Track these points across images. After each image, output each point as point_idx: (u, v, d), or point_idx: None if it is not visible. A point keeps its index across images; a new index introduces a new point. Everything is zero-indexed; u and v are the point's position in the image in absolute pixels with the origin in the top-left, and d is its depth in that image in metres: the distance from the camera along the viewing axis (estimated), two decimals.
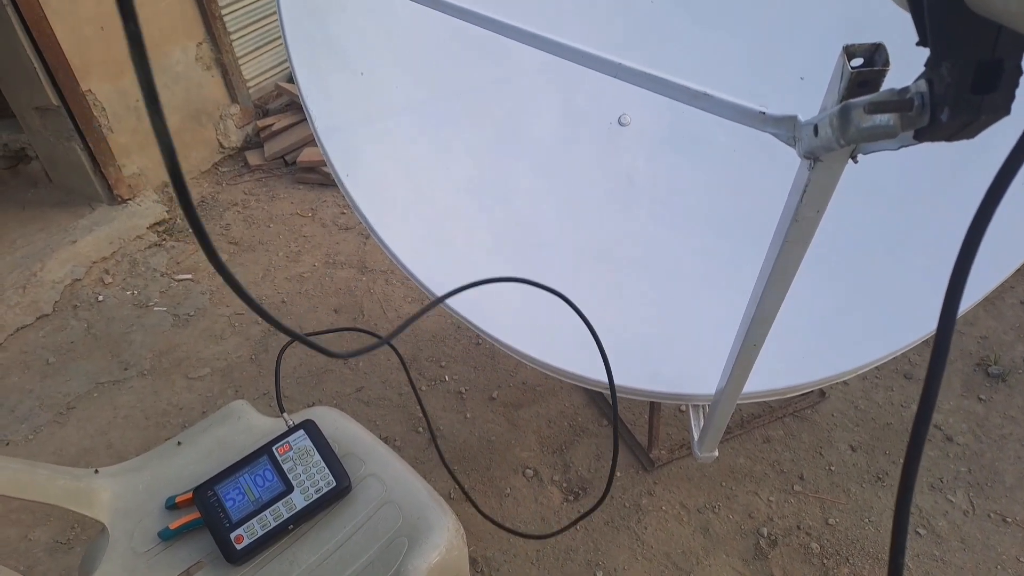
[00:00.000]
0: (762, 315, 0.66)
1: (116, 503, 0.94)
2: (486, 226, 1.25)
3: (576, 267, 1.26)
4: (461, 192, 1.25)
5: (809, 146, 0.44)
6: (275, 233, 2.52)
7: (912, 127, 0.33)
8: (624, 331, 1.20)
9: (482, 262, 1.23)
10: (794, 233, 0.53)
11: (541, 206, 1.28)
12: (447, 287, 1.19)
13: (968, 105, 0.30)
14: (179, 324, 2.07)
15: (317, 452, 0.98)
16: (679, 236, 1.26)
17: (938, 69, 0.31)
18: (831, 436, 1.59)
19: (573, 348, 1.17)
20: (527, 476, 1.57)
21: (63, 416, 1.75)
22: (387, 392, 1.82)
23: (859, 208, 1.20)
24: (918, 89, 0.32)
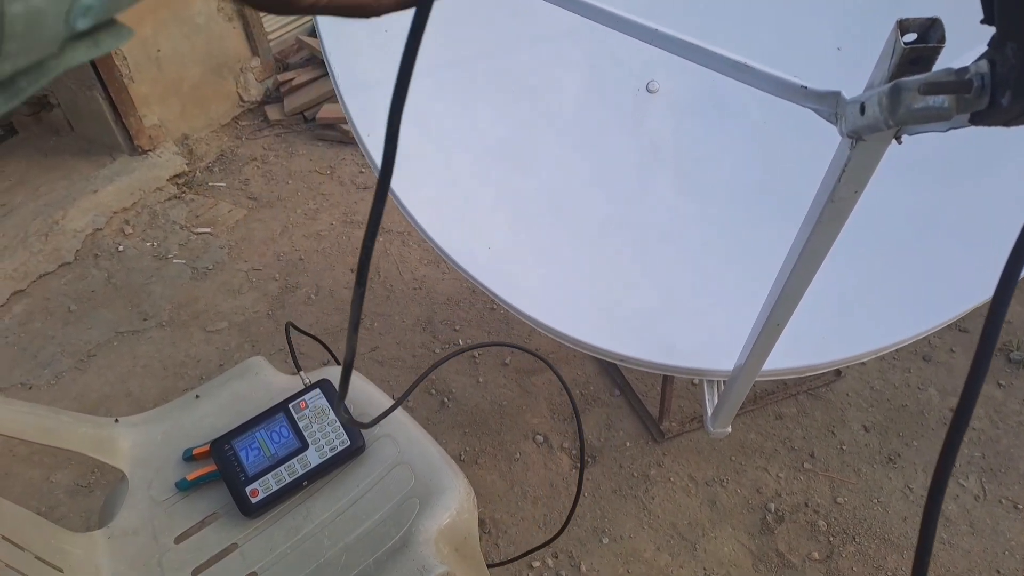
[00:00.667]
0: (788, 295, 0.65)
1: (135, 452, 0.96)
2: (507, 191, 1.24)
3: (595, 234, 1.24)
4: (483, 155, 1.24)
5: (854, 125, 0.42)
6: (293, 190, 2.52)
7: (968, 110, 0.32)
8: (641, 301, 1.20)
9: (501, 228, 1.22)
10: (829, 213, 0.52)
11: (563, 172, 1.27)
12: (465, 252, 1.19)
13: None
14: (197, 277, 2.09)
15: (333, 411, 0.99)
16: (703, 208, 1.24)
17: (1003, 49, 0.29)
18: (844, 415, 1.59)
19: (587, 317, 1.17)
20: (537, 442, 1.58)
21: (84, 363, 1.78)
22: (401, 353, 1.83)
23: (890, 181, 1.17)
24: (978, 70, 0.30)
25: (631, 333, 1.15)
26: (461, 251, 1.17)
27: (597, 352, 1.15)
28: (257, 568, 0.87)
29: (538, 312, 1.14)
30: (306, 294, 2.04)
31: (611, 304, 1.19)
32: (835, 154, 0.49)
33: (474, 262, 1.16)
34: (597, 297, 1.20)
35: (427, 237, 1.18)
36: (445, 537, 0.88)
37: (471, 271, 1.16)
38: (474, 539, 0.94)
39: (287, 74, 2.94)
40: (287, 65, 2.99)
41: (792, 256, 0.60)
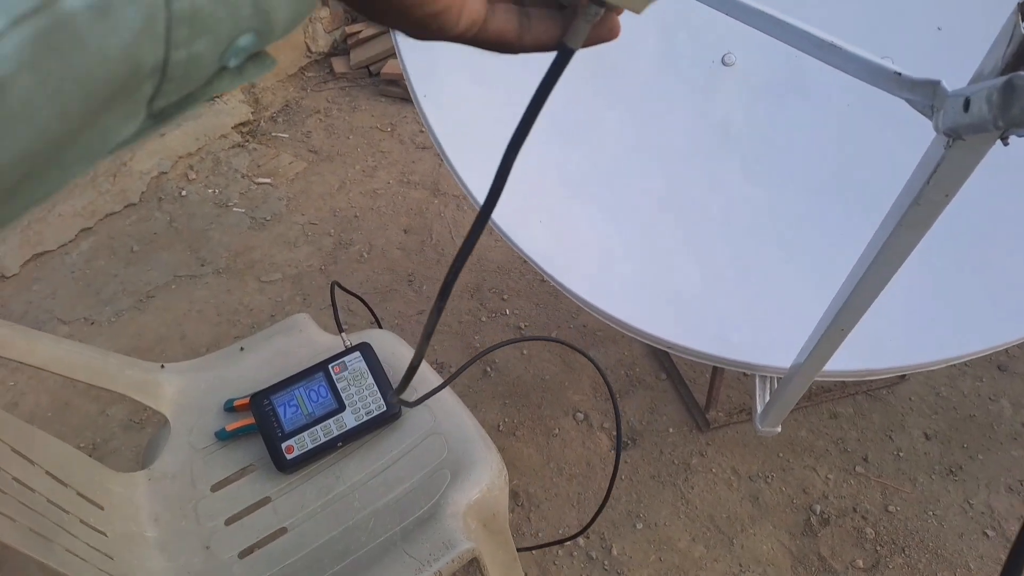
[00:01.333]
0: (858, 300, 0.60)
1: (179, 399, 0.97)
2: (564, 163, 1.19)
3: (654, 215, 1.19)
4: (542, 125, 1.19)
5: (954, 121, 0.37)
6: (354, 145, 2.52)
7: None
8: (696, 288, 1.15)
9: (557, 201, 1.18)
10: (913, 216, 0.46)
11: (625, 147, 1.21)
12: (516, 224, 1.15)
13: None
14: (255, 227, 2.12)
15: (371, 375, 0.98)
16: (771, 196, 1.17)
17: None
18: (904, 421, 1.51)
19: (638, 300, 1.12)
20: (577, 419, 1.55)
21: (143, 303, 1.83)
22: (448, 318, 1.82)
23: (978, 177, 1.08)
24: None
25: (684, 320, 1.11)
26: (512, 222, 1.14)
27: (646, 338, 1.11)
28: (288, 524, 0.88)
29: (586, 291, 1.10)
30: (359, 252, 2.04)
31: (664, 288, 1.14)
32: (926, 152, 0.43)
33: (525, 235, 1.13)
34: (650, 280, 1.15)
35: (475, 202, 1.15)
36: (474, 512, 0.87)
37: (520, 244, 1.13)
38: (503, 516, 0.92)
39: (355, 26, 2.92)
40: (356, 16, 2.98)
41: (866, 259, 0.55)
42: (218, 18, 0.19)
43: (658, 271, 1.16)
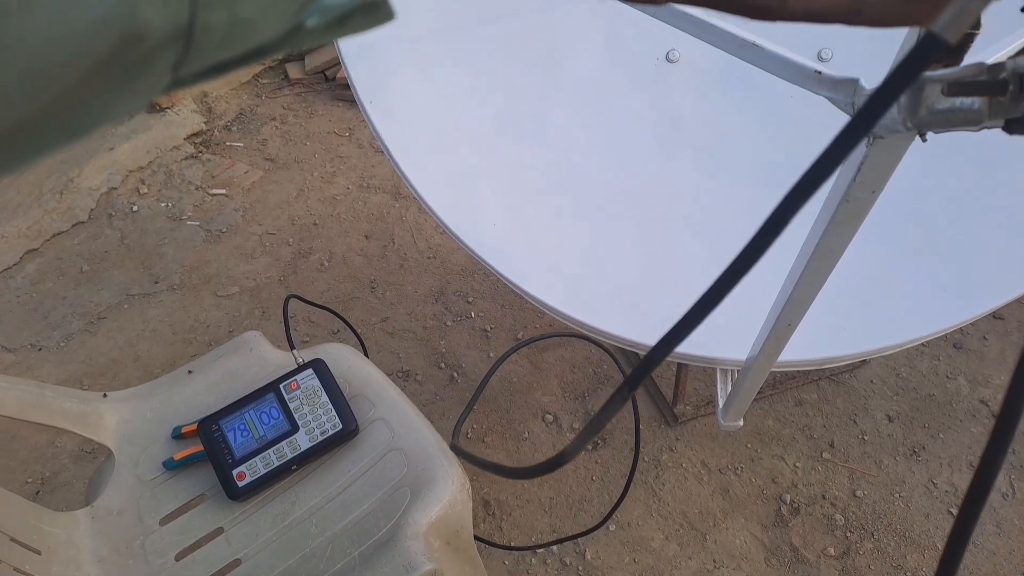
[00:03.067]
0: (800, 295, 0.59)
1: (123, 429, 0.94)
2: (516, 164, 1.17)
3: (608, 213, 1.18)
4: (492, 126, 1.17)
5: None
6: (311, 152, 2.47)
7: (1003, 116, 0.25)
8: (652, 283, 1.14)
9: (511, 202, 1.16)
10: (843, 214, 0.45)
11: (576, 146, 1.20)
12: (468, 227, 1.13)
13: None
14: (211, 240, 2.07)
15: (325, 393, 0.96)
16: (723, 187, 1.16)
17: None
18: (868, 404, 1.52)
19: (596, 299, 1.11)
20: (546, 421, 1.54)
21: (94, 325, 1.78)
22: (412, 324, 1.80)
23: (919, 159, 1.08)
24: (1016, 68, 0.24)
25: (639, 317, 1.09)
26: (464, 228, 1.12)
27: (605, 336, 1.10)
28: (242, 555, 0.85)
29: (542, 292, 1.09)
30: (319, 260, 2.01)
31: (619, 285, 1.13)
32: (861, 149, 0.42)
33: (479, 239, 1.11)
34: (604, 278, 1.14)
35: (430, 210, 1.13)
36: (436, 530, 0.85)
37: (475, 248, 1.11)
38: (467, 531, 0.90)
39: None
40: None
41: (803, 257, 0.54)
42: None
43: (612, 268, 1.15)
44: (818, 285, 0.56)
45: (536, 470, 0.35)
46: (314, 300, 1.93)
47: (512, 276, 1.09)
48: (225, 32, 0.17)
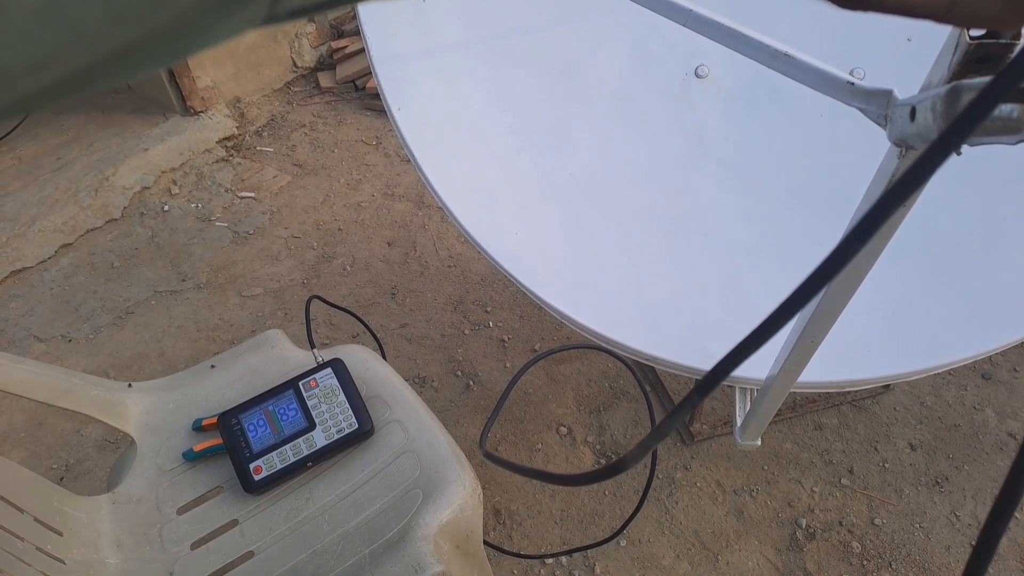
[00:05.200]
0: (825, 311, 0.58)
1: (146, 419, 0.95)
2: (539, 175, 1.18)
3: (630, 227, 1.18)
4: (516, 137, 1.18)
5: (902, 132, 0.36)
6: (339, 159, 2.51)
7: None
8: (674, 298, 1.13)
9: (532, 214, 1.17)
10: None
11: (599, 159, 1.20)
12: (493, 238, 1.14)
13: None
14: (238, 241, 2.10)
15: (343, 392, 0.96)
16: (747, 204, 1.16)
17: None
18: (890, 431, 1.50)
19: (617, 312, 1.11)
20: (560, 434, 1.54)
21: (122, 320, 1.81)
22: (430, 331, 1.81)
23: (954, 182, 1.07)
24: None
25: (661, 331, 1.09)
26: (489, 236, 1.13)
27: (625, 351, 1.10)
28: (255, 547, 0.86)
29: (565, 305, 1.09)
30: (341, 265, 2.03)
31: (642, 299, 1.13)
32: (882, 162, 0.42)
33: (502, 249, 1.12)
34: (628, 291, 1.14)
35: (453, 218, 1.14)
36: (446, 533, 0.85)
37: (498, 258, 1.12)
38: (477, 537, 0.90)
39: (341, 41, 2.92)
40: (341, 32, 2.97)
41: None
42: None
43: (636, 282, 1.15)
44: (843, 302, 0.56)
45: (591, 477, 0.33)
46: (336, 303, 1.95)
47: (532, 286, 1.10)
48: None
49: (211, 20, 0.16)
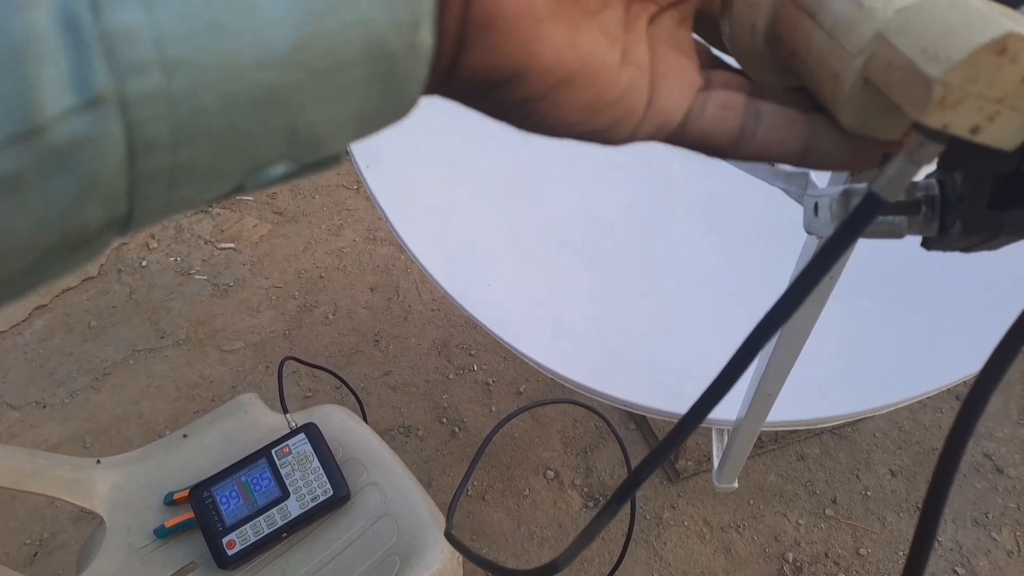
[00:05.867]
0: (775, 370, 0.59)
1: (116, 495, 0.94)
2: (510, 224, 1.20)
3: (602, 272, 1.19)
4: (487, 188, 1.20)
5: (809, 222, 0.37)
6: (319, 204, 2.52)
7: (919, 233, 0.27)
8: (648, 343, 1.14)
9: (505, 263, 1.18)
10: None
11: (569, 205, 1.22)
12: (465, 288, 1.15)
13: (985, 222, 0.24)
14: (217, 294, 2.10)
15: (317, 458, 0.96)
16: (714, 246, 1.17)
17: (951, 174, 0.24)
18: (870, 458, 1.50)
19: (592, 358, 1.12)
20: (547, 478, 1.53)
21: (99, 382, 1.80)
22: (414, 378, 1.80)
23: None
24: (928, 190, 0.25)
25: (637, 376, 1.10)
26: (462, 287, 1.14)
27: (602, 397, 1.10)
28: None
29: (541, 354, 1.10)
30: (324, 313, 2.03)
31: (618, 345, 1.14)
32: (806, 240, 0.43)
33: (477, 300, 1.13)
34: (604, 337, 1.14)
35: (426, 271, 1.15)
36: None
37: (471, 309, 1.12)
38: None
39: None
40: None
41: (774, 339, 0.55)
42: (219, 166, 0.16)
43: (610, 327, 1.16)
44: (791, 360, 0.57)
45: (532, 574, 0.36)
46: (318, 354, 1.94)
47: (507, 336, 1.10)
48: (162, 210, 0.17)
49: (49, 267, 0.17)
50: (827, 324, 1.01)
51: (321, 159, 0.19)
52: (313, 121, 0.17)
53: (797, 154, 0.23)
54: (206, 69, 0.14)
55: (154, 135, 0.14)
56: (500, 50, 0.19)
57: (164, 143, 0.15)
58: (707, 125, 0.24)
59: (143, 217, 0.16)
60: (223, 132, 0.15)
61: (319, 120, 0.17)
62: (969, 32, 0.17)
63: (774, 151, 0.24)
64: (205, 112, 0.15)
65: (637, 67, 0.22)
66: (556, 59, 0.20)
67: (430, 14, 0.17)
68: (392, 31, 0.16)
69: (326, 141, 0.18)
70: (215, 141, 0.15)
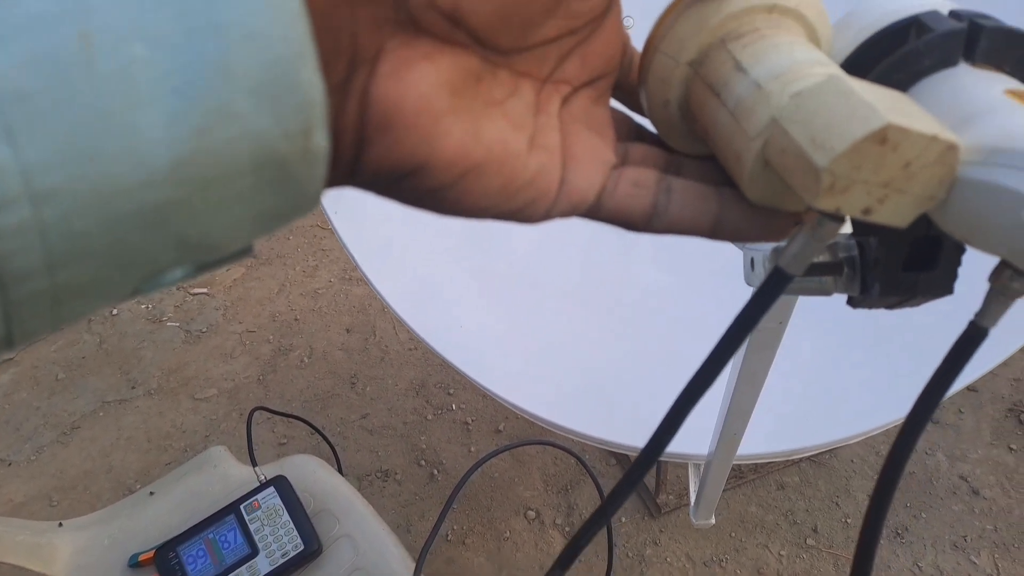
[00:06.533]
0: (736, 410, 0.59)
1: (78, 559, 0.91)
2: (478, 267, 1.20)
3: (571, 311, 1.19)
4: (454, 231, 1.20)
5: (747, 276, 0.37)
6: (294, 246, 2.51)
7: (844, 292, 0.27)
8: (620, 380, 1.14)
9: (473, 304, 1.18)
10: (759, 340, 0.47)
11: (535, 244, 1.23)
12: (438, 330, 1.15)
13: (901, 284, 0.24)
14: (190, 340, 2.07)
15: (287, 511, 0.94)
16: (682, 282, 1.18)
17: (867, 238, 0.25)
18: (849, 484, 1.50)
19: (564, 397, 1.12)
20: (528, 518, 1.51)
21: (67, 436, 1.76)
22: (392, 420, 1.78)
23: None
24: (848, 251, 0.26)
25: (611, 414, 1.10)
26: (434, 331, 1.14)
27: (578, 435, 1.10)
28: None
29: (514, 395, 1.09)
30: (299, 357, 2.01)
31: (590, 383, 1.14)
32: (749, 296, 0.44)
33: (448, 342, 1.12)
34: (574, 377, 1.14)
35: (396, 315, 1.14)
36: None
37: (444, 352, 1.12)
38: None
39: None
40: None
41: (733, 375, 0.55)
42: (106, 280, 0.16)
43: (584, 366, 1.16)
44: (752, 401, 0.57)
45: None
46: (294, 398, 1.92)
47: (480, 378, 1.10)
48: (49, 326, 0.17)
49: None
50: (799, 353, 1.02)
51: (226, 256, 0.19)
52: (205, 229, 0.17)
53: (709, 229, 0.24)
54: (81, 195, 0.14)
55: (24, 265, 0.14)
56: (401, 147, 0.20)
57: (37, 270, 0.14)
58: (620, 203, 0.24)
59: (25, 336, 0.16)
60: (106, 250, 0.15)
61: (211, 228, 0.17)
62: (851, 123, 0.17)
63: (686, 226, 0.24)
64: (84, 235, 0.15)
65: (546, 151, 0.22)
66: (460, 151, 0.20)
67: (322, 119, 0.17)
68: (281, 140, 0.16)
69: (223, 244, 0.18)
70: (98, 259, 0.15)
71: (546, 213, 0.23)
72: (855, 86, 0.18)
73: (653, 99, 0.24)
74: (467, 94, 0.20)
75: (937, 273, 0.24)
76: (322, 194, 0.19)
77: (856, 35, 0.22)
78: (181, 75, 0.14)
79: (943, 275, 0.24)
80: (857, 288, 0.26)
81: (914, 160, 0.17)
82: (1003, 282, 0.19)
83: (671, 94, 0.23)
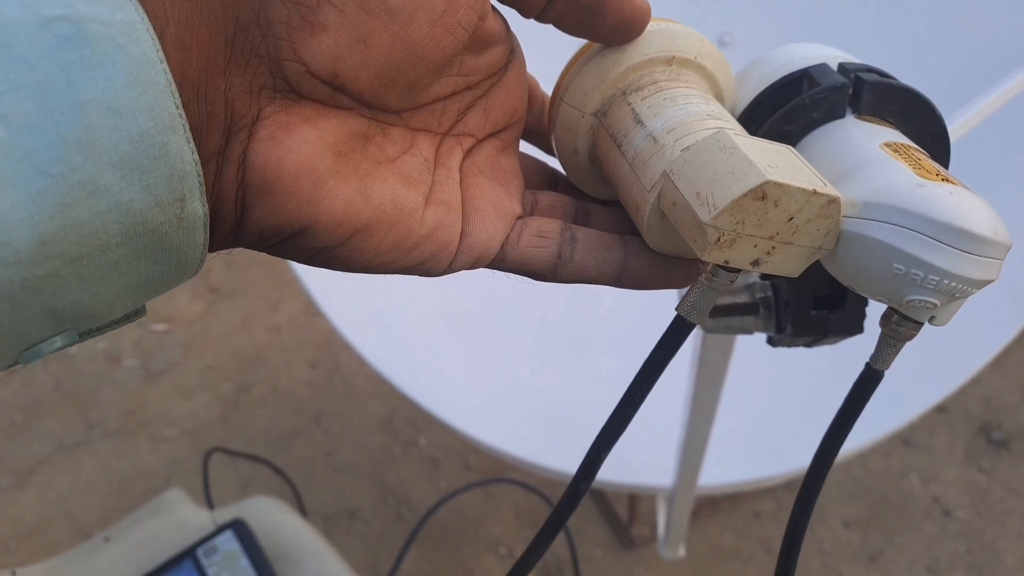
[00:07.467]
0: (693, 441, 0.59)
1: None
2: (439, 298, 1.19)
3: (536, 341, 1.19)
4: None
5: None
6: (256, 279, 2.47)
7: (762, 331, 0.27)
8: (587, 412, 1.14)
9: (441, 340, 1.17)
10: (706, 372, 0.47)
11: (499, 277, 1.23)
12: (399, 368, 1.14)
13: (812, 324, 0.24)
14: (150, 379, 2.02)
15: (246, 556, 0.91)
16: (647, 311, 1.19)
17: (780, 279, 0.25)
18: (824, 510, 1.50)
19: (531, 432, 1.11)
20: (500, 555, 1.48)
21: (23, 482, 1.69)
22: (358, 457, 1.75)
23: None
24: (764, 292, 0.26)
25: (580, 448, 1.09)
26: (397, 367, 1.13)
27: (540, 470, 1.09)
28: None
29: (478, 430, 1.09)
30: (261, 395, 1.97)
31: (557, 416, 1.13)
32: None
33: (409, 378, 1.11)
34: (541, 409, 1.14)
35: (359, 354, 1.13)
36: None
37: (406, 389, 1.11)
38: None
39: None
40: None
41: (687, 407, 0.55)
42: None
43: (547, 401, 1.15)
44: (706, 432, 0.57)
45: None
46: (257, 437, 1.87)
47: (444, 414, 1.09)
48: None
49: None
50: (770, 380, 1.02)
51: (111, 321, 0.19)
52: (78, 301, 0.17)
53: (614, 277, 0.24)
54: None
55: None
56: (283, 210, 0.20)
57: None
58: (523, 253, 0.25)
59: None
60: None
61: (84, 299, 0.17)
62: (731, 180, 0.17)
63: (591, 275, 0.25)
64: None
65: (444, 205, 0.22)
66: (346, 212, 0.20)
67: (196, 188, 0.17)
68: (153, 211, 0.16)
69: (101, 313, 0.18)
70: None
71: (448, 267, 0.24)
72: (739, 142, 0.18)
73: (562, 147, 0.24)
74: (354, 155, 0.20)
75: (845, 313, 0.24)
76: (204, 258, 0.19)
77: (755, 86, 0.22)
78: (42, 154, 0.14)
79: (851, 315, 0.24)
80: (773, 327, 0.26)
81: (796, 214, 0.17)
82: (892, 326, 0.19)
83: (578, 143, 0.23)
